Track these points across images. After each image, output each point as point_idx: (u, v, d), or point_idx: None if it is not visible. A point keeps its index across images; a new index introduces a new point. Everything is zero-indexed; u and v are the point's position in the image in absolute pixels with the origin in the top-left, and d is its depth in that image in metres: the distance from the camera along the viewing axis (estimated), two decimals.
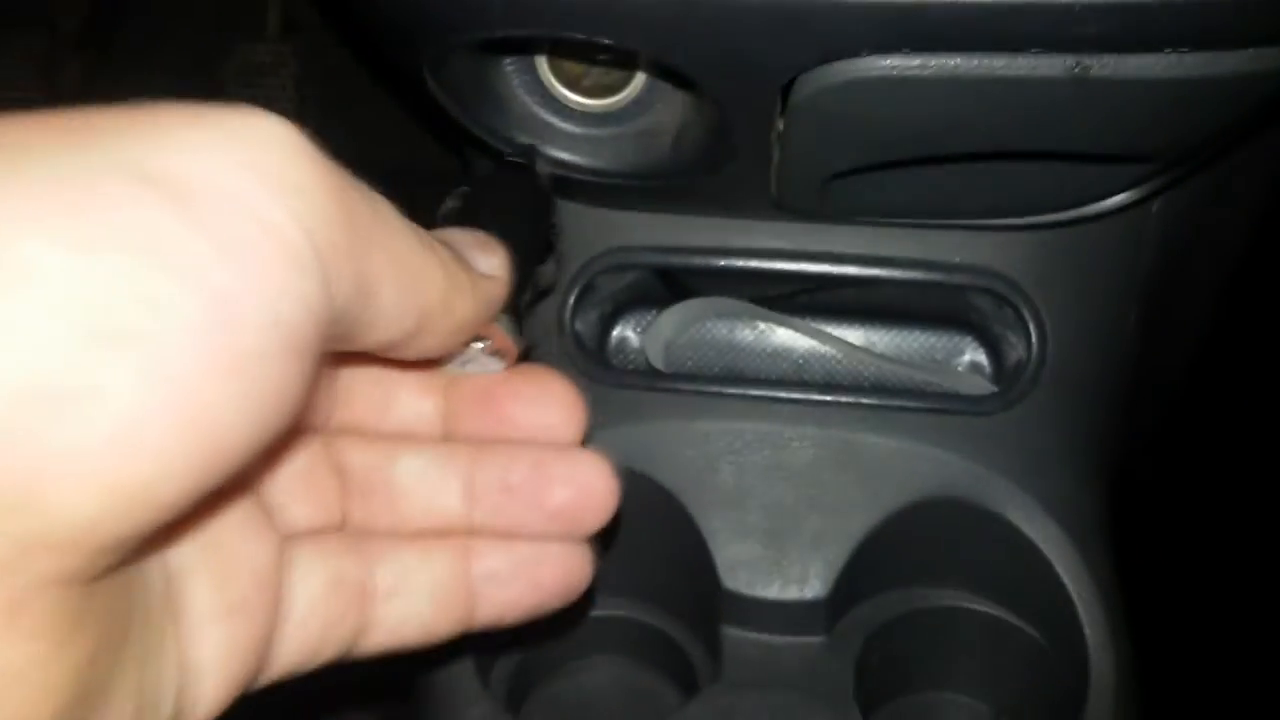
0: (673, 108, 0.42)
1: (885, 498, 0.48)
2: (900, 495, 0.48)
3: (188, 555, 0.26)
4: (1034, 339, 0.47)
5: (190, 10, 0.78)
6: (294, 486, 0.30)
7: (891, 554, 0.48)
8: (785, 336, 0.52)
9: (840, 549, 0.48)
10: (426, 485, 0.32)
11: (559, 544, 0.33)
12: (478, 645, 0.49)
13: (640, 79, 0.41)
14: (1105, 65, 0.32)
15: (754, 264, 0.48)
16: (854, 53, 0.32)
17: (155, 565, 0.25)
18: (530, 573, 0.33)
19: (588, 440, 0.34)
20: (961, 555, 0.49)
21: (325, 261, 0.22)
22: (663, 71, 0.36)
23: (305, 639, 0.29)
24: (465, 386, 0.34)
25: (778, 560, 0.48)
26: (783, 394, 0.49)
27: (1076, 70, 0.32)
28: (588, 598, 0.50)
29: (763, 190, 0.43)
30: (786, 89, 0.35)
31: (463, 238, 0.31)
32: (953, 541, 0.49)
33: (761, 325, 0.52)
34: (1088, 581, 0.47)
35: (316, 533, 0.30)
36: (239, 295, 0.20)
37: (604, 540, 0.48)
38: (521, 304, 0.35)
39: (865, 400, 0.48)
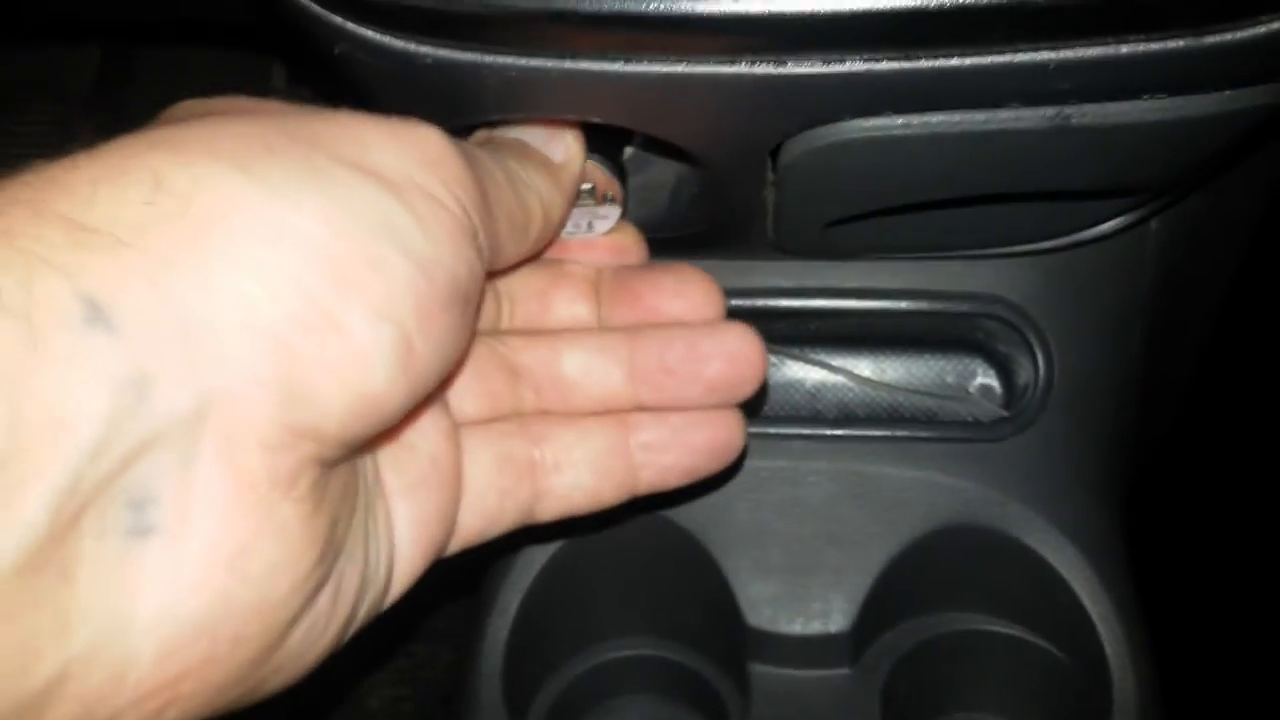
0: (667, 167, 0.43)
1: (902, 528, 0.48)
2: (917, 525, 0.48)
3: (383, 446, 0.32)
4: (1040, 362, 0.48)
5: (193, 70, 0.79)
6: (469, 385, 0.36)
7: (911, 583, 0.49)
8: (795, 370, 0.52)
9: (860, 581, 0.48)
10: (592, 375, 0.37)
11: (712, 411, 0.38)
12: (511, 687, 0.50)
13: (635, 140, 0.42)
14: (1085, 114, 0.32)
15: (759, 303, 0.49)
16: (836, 118, 0.33)
17: (368, 458, 0.31)
18: (685, 439, 0.37)
19: None
20: (981, 580, 0.49)
21: (477, 230, 0.30)
22: (652, 140, 0.36)
23: (484, 509, 0.35)
24: (613, 287, 0.39)
25: (800, 596, 0.48)
26: (795, 430, 0.49)
27: (1057, 120, 0.32)
28: (615, 638, 0.52)
29: (762, 236, 0.44)
30: (775, 150, 0.35)
31: (534, 133, 0.36)
32: (971, 567, 0.49)
33: (771, 360, 0.52)
34: (1106, 600, 0.47)
35: (489, 421, 0.36)
36: (433, 258, 0.27)
37: (627, 581, 0.49)
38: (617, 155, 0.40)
39: (877, 433, 0.49)
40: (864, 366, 0.52)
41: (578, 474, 0.37)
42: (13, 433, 0.21)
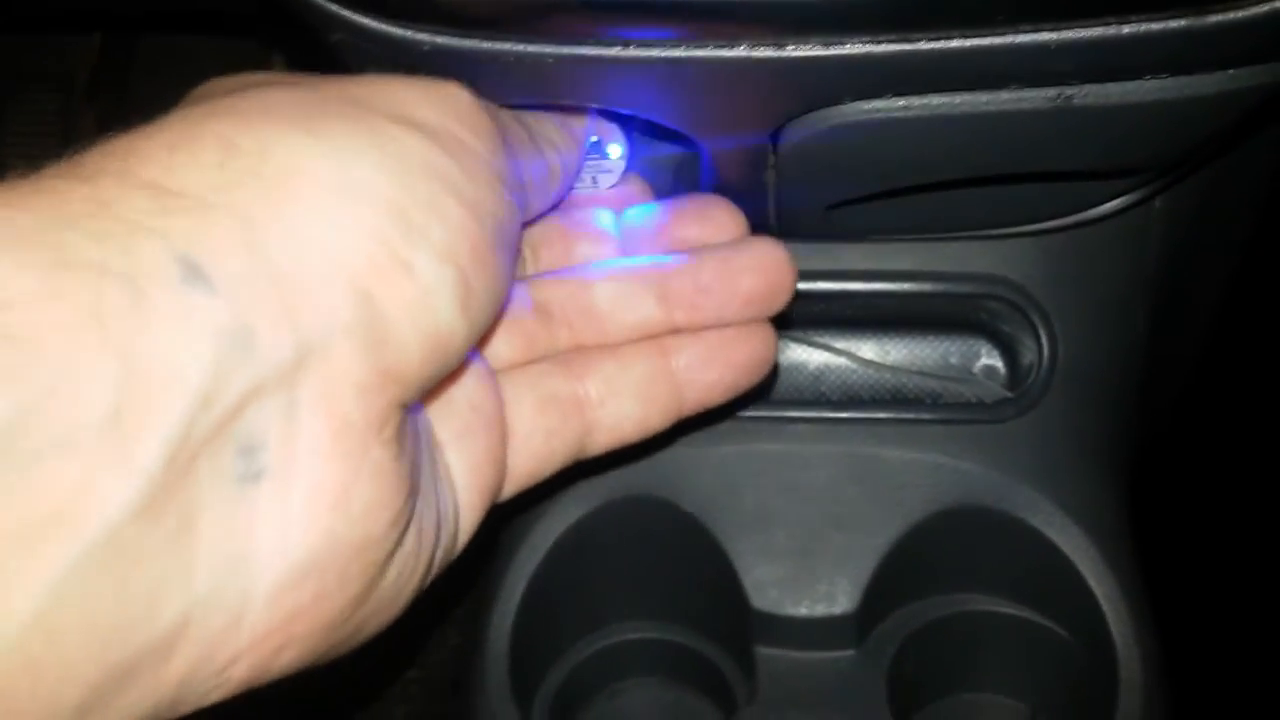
0: (668, 149, 0.42)
1: (907, 510, 0.48)
2: (921, 506, 0.48)
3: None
4: (1044, 342, 0.48)
5: (194, 58, 0.79)
6: (502, 330, 0.37)
7: (916, 565, 0.49)
8: (798, 353, 0.52)
9: (865, 564, 0.48)
10: (624, 302, 0.38)
11: (746, 326, 0.38)
12: (518, 670, 0.50)
13: None
14: (1086, 94, 0.32)
15: None
16: (837, 100, 0.33)
17: (419, 408, 0.32)
18: (725, 355, 0.38)
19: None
20: (986, 561, 0.50)
21: (510, 179, 0.31)
22: (653, 123, 0.36)
23: (534, 449, 0.36)
24: (634, 223, 0.40)
25: (805, 578, 0.48)
26: (797, 414, 0.49)
27: (1059, 101, 0.32)
28: (620, 622, 0.52)
29: (763, 218, 0.44)
30: (776, 133, 0.35)
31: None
32: (976, 548, 0.49)
33: None
34: (1111, 580, 0.47)
35: (527, 363, 0.37)
36: (480, 202, 0.29)
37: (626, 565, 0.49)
38: None
39: (881, 415, 0.49)
40: (867, 348, 0.52)
41: (622, 403, 0.37)
42: (125, 385, 0.22)
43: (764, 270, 0.37)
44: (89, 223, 0.23)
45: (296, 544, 0.25)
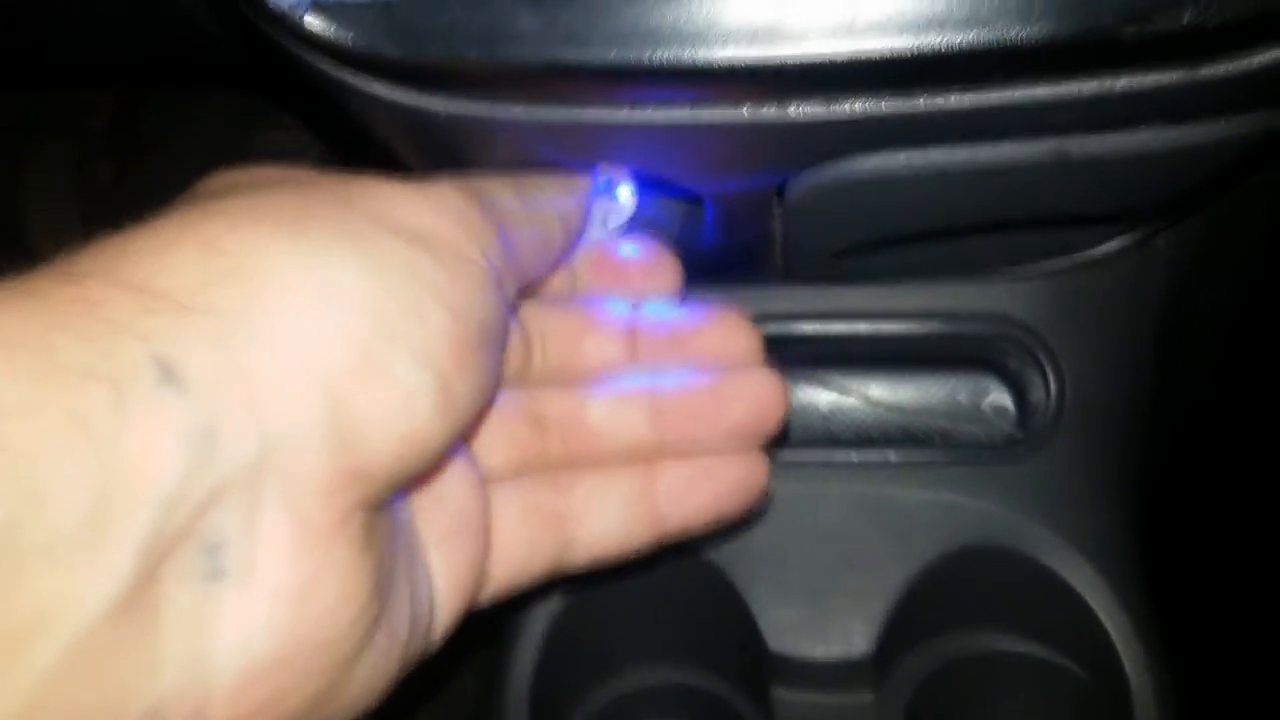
0: (676, 201, 0.43)
1: (920, 550, 0.49)
2: (934, 547, 0.49)
3: (415, 498, 0.33)
4: (1052, 381, 0.48)
5: (208, 102, 0.80)
6: (495, 438, 0.37)
7: (931, 605, 0.49)
8: (808, 394, 0.53)
9: (880, 605, 0.49)
10: (616, 422, 0.38)
11: (736, 454, 0.39)
12: (538, 716, 0.51)
13: None
14: (1084, 145, 0.33)
15: (771, 329, 0.50)
16: (840, 155, 0.33)
17: (405, 509, 0.33)
18: (710, 482, 0.38)
19: None
20: (1000, 600, 0.50)
21: (500, 275, 0.31)
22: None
23: (514, 557, 0.36)
24: (648, 330, 0.40)
25: (820, 620, 0.49)
26: (810, 455, 0.50)
27: (1057, 151, 0.33)
28: (639, 666, 0.52)
29: (772, 264, 0.44)
30: (781, 186, 0.36)
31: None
32: (990, 587, 0.49)
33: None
34: (1123, 616, 0.47)
35: (516, 472, 0.37)
36: (464, 305, 0.29)
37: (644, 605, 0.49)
38: None
39: (892, 456, 0.49)
40: (877, 387, 0.52)
41: (605, 522, 0.38)
42: (104, 487, 0.23)
43: (754, 402, 0.38)
44: (76, 324, 0.24)
45: (258, 641, 0.26)
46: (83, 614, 0.22)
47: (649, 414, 0.38)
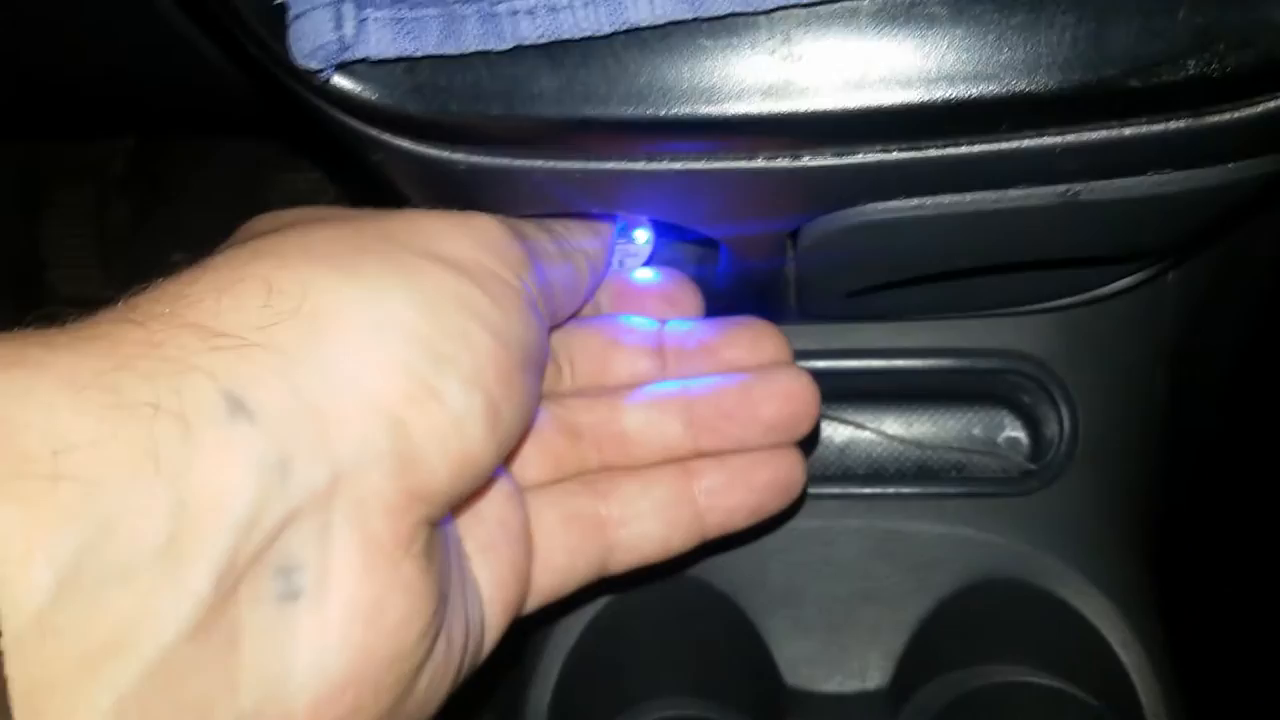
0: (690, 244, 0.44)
1: (935, 584, 0.49)
2: (950, 580, 0.49)
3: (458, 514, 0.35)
4: (1065, 416, 0.49)
5: (225, 147, 0.81)
6: (532, 450, 0.38)
7: (947, 637, 0.49)
8: (824, 429, 0.53)
9: (896, 638, 0.49)
10: (652, 428, 0.39)
11: (771, 451, 0.39)
12: None
13: None
14: (1092, 190, 0.33)
15: None
16: (852, 203, 0.34)
17: (450, 525, 0.33)
18: (747, 480, 0.39)
19: None
20: (1015, 632, 0.50)
21: (538, 299, 0.33)
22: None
23: (556, 565, 0.37)
24: (675, 345, 0.41)
25: (836, 654, 0.49)
26: (826, 490, 0.50)
27: (1066, 197, 0.34)
28: (655, 699, 0.52)
29: (786, 304, 0.45)
30: (794, 232, 0.37)
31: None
32: (1005, 620, 0.50)
33: None
34: (1138, 648, 0.48)
35: (554, 481, 0.38)
36: (508, 330, 0.31)
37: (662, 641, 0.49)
38: None
39: (907, 490, 0.50)
40: (892, 422, 0.53)
41: (644, 524, 0.38)
42: (177, 515, 0.24)
43: (786, 398, 0.39)
44: (142, 363, 0.25)
45: (333, 659, 0.27)
46: (160, 637, 0.23)
47: (683, 418, 0.39)
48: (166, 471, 0.24)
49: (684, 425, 0.39)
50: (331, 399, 0.27)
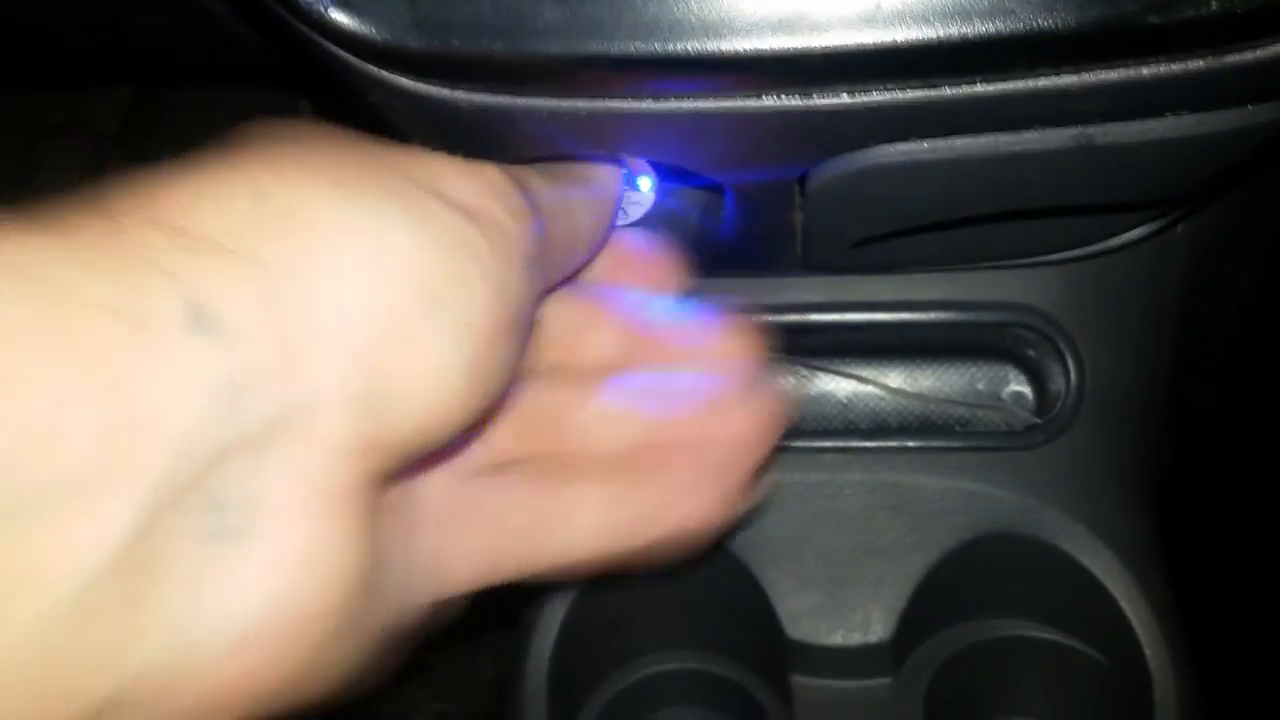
0: (695, 191, 0.43)
1: (939, 537, 0.49)
2: (954, 534, 0.49)
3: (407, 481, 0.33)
4: (1071, 369, 0.48)
5: (222, 104, 0.81)
6: (493, 428, 0.36)
7: (950, 591, 0.49)
8: (826, 383, 0.53)
9: (899, 592, 0.49)
10: (611, 424, 0.37)
11: (730, 460, 0.37)
12: (555, 704, 0.51)
13: None
14: (1108, 133, 0.33)
15: (789, 319, 0.50)
16: (863, 144, 0.33)
17: (400, 493, 0.32)
18: (696, 497, 0.37)
19: None
20: (1019, 586, 0.50)
21: (535, 257, 0.31)
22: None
23: (499, 551, 0.35)
24: (649, 327, 0.39)
25: (839, 607, 0.49)
26: (828, 443, 0.50)
27: (1081, 140, 0.33)
28: (657, 653, 0.52)
29: (791, 254, 0.45)
30: (802, 176, 0.36)
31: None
32: (1009, 574, 0.50)
33: (802, 373, 0.53)
34: (1144, 603, 0.47)
35: (508, 463, 0.36)
36: (505, 281, 0.29)
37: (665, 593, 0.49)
38: None
39: (911, 443, 0.49)
40: (895, 376, 0.53)
41: (590, 524, 0.36)
42: (110, 431, 0.22)
43: (732, 443, 0.37)
44: (101, 258, 0.23)
45: (255, 603, 0.25)
46: (77, 571, 0.21)
47: (642, 425, 0.37)
48: (107, 381, 0.22)
49: (642, 431, 0.37)
50: (305, 324, 0.25)
